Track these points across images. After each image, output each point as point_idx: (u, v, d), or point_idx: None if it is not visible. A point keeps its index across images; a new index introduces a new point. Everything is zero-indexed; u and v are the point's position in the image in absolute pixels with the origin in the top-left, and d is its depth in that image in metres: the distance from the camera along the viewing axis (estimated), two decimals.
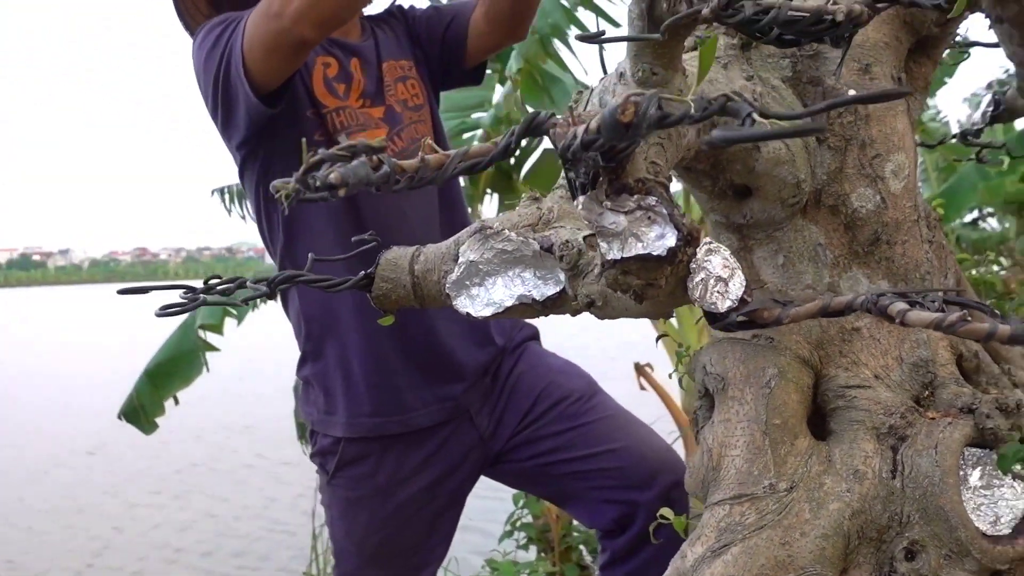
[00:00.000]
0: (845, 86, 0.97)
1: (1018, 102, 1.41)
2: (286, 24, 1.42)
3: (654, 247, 0.54)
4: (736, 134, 0.38)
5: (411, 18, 1.88)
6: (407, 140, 1.73)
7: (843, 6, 0.62)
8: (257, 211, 1.74)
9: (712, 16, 0.59)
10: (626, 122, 0.45)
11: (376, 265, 0.81)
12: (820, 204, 1.00)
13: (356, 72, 1.72)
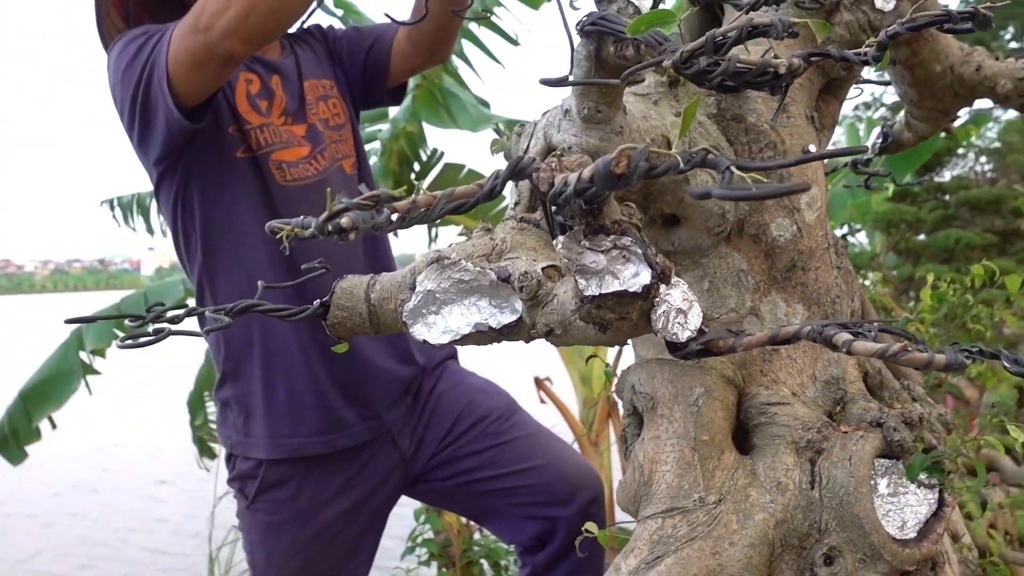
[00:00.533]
0: (767, 125, 1.04)
1: (904, 135, 1.53)
2: (215, 39, 1.41)
3: (630, 284, 0.58)
4: (736, 193, 0.42)
5: (331, 38, 1.88)
6: (328, 159, 1.73)
7: (784, 60, 0.67)
8: (174, 228, 1.71)
9: (672, 67, 0.64)
10: (619, 173, 0.49)
11: (331, 294, 0.83)
12: (742, 233, 1.07)
13: (277, 89, 1.71)
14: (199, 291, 1.72)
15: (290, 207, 1.65)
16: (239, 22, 1.39)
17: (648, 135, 0.97)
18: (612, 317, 0.61)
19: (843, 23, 1.05)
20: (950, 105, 1.34)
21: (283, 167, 1.66)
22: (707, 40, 0.61)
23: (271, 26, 1.45)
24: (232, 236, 1.65)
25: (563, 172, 0.56)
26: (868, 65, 0.70)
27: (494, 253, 0.84)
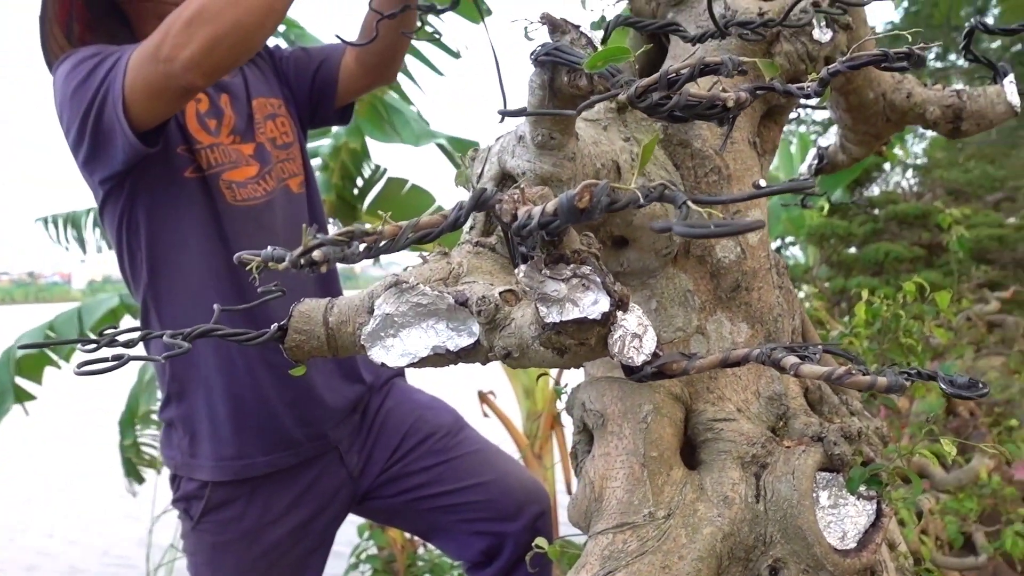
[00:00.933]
0: (712, 150, 1.07)
1: (839, 157, 1.59)
2: (176, 70, 1.40)
3: (590, 311, 0.60)
4: (695, 231, 0.44)
5: (279, 58, 1.88)
6: (276, 179, 1.73)
7: (732, 94, 0.70)
8: (119, 246, 1.68)
9: (627, 100, 0.67)
10: (582, 207, 0.51)
11: (289, 317, 0.83)
12: (689, 254, 1.10)
13: (226, 108, 1.71)
14: (144, 311, 1.70)
15: (239, 227, 1.65)
16: (202, 56, 1.39)
17: (598, 160, 1.00)
18: (572, 343, 0.63)
19: (783, 53, 1.09)
20: (883, 130, 1.40)
21: (232, 187, 1.65)
22: (661, 77, 0.63)
23: (232, 60, 1.46)
24: (179, 256, 1.64)
25: (526, 204, 0.57)
26: (809, 99, 0.73)
27: (451, 277, 0.86)
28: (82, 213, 4.27)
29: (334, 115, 1.92)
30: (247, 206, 1.67)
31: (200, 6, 1.41)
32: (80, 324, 3.85)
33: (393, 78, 1.89)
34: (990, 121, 1.30)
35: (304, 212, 1.81)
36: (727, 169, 1.10)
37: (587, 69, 0.69)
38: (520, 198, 0.58)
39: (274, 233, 1.70)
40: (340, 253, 0.52)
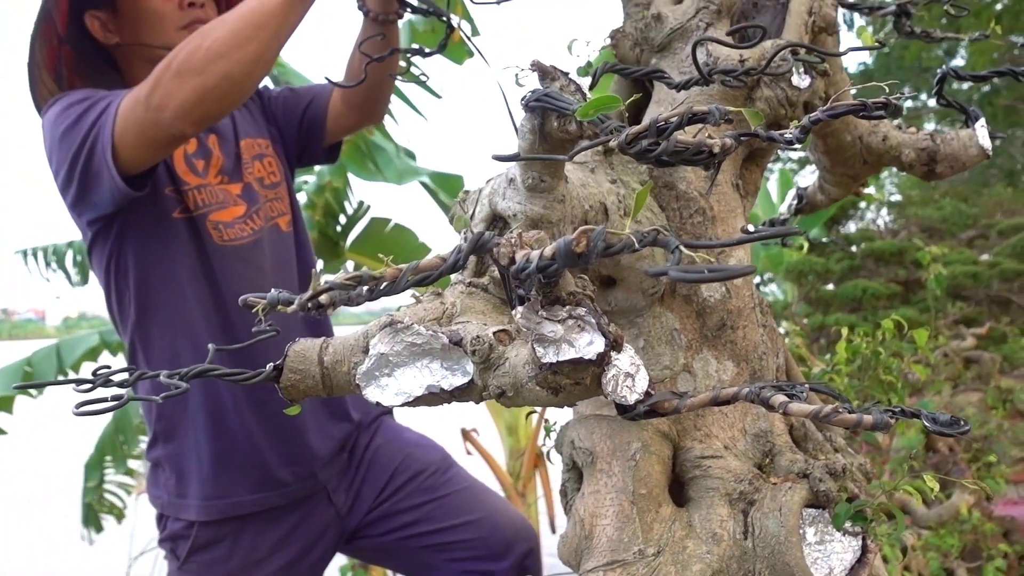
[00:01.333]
0: (697, 192, 1.10)
1: (817, 197, 1.63)
2: (167, 119, 1.42)
3: (585, 352, 0.62)
4: (691, 276, 0.46)
5: (267, 98, 1.90)
6: (264, 218, 1.75)
7: (718, 140, 0.73)
8: (107, 287, 1.69)
9: (617, 147, 0.69)
10: (579, 252, 0.53)
11: (284, 357, 0.84)
12: (675, 294, 1.12)
13: (214, 149, 1.73)
14: (131, 351, 1.70)
15: (227, 267, 1.66)
16: (192, 106, 1.41)
17: (587, 202, 1.02)
18: (567, 382, 0.65)
19: (763, 98, 1.13)
20: (860, 172, 1.44)
21: (220, 228, 1.67)
22: (650, 125, 0.66)
23: (222, 110, 1.48)
24: (167, 296, 1.65)
25: (524, 249, 0.59)
26: (791, 146, 0.76)
27: (444, 317, 0.87)
28: (63, 246, 4.25)
29: (322, 154, 1.95)
30: (234, 246, 1.68)
31: (189, 56, 1.43)
32: (59, 361, 3.82)
33: (381, 118, 1.92)
34: (963, 164, 1.34)
35: (292, 250, 1.83)
36: (711, 211, 1.12)
37: (579, 117, 0.71)
38: (518, 242, 0.60)
39: (263, 272, 1.71)
40: (345, 296, 0.54)
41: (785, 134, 0.78)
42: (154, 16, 1.65)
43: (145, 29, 1.66)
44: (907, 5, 1.33)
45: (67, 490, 7.92)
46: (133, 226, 1.62)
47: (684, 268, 0.49)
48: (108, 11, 1.67)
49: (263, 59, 1.45)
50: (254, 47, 1.43)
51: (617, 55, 1.23)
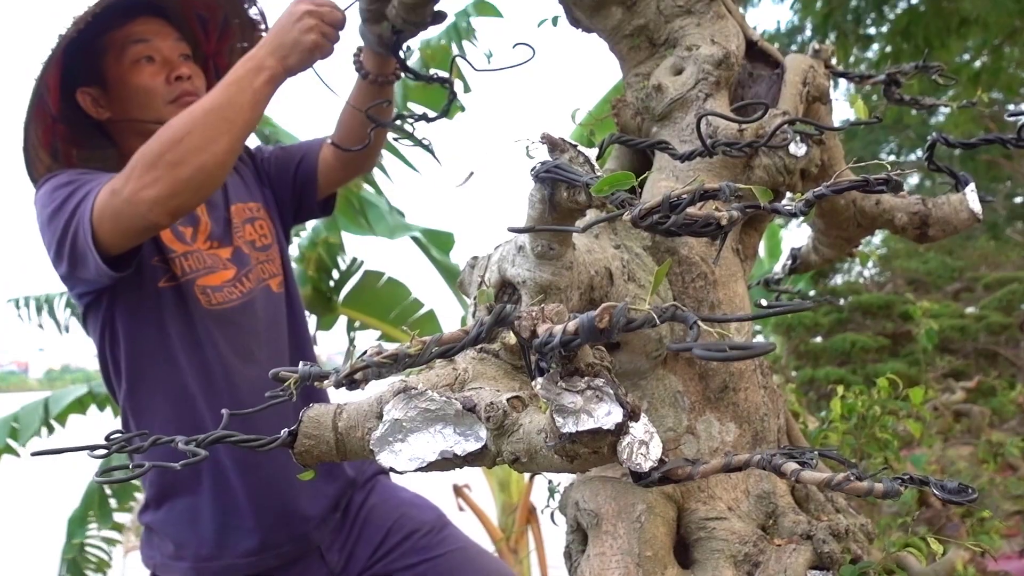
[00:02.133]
0: (699, 257, 1.13)
1: (811, 257, 1.66)
2: (141, 211, 1.45)
3: (604, 422, 0.63)
4: (714, 354, 0.49)
5: (259, 159, 1.93)
6: (255, 280, 1.76)
7: (725, 213, 0.75)
8: (101, 355, 1.71)
9: (632, 222, 0.72)
10: (602, 327, 0.55)
11: (299, 423, 0.86)
12: (678, 356, 1.14)
13: (202, 215, 1.75)
14: (124, 418, 1.71)
15: (215, 331, 1.68)
16: (167, 198, 1.45)
17: (592, 268, 1.05)
18: (585, 451, 0.66)
19: (762, 166, 1.16)
20: (854, 234, 1.48)
21: (207, 292, 1.69)
22: (664, 201, 0.68)
23: (198, 199, 1.52)
24: (156, 365, 1.67)
25: (546, 322, 0.61)
26: (795, 217, 0.79)
27: (457, 383, 0.89)
28: (55, 295, 4.25)
29: (317, 207, 1.98)
30: (222, 309, 1.70)
31: (161, 149, 1.46)
32: (45, 414, 3.79)
33: (371, 168, 1.96)
34: (955, 227, 1.37)
35: (284, 311, 1.84)
36: (713, 275, 1.15)
37: (594, 193, 0.74)
38: (539, 316, 0.62)
39: (254, 334, 1.73)
40: (376, 371, 0.56)
41: (788, 206, 0.81)
42: (143, 92, 1.69)
43: (135, 105, 1.69)
44: (896, 74, 1.38)
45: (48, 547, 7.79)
46: (122, 298, 1.64)
47: (707, 346, 0.51)
48: (98, 87, 1.71)
49: (234, 149, 1.50)
50: (226, 139, 1.47)
51: (619, 123, 1.27)
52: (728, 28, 1.25)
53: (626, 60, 1.31)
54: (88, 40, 1.63)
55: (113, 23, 1.65)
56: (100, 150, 1.76)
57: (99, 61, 1.70)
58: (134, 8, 1.69)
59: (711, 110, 1.12)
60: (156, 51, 1.69)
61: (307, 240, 4.34)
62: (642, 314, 0.57)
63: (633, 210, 0.71)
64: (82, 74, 1.69)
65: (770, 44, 1.35)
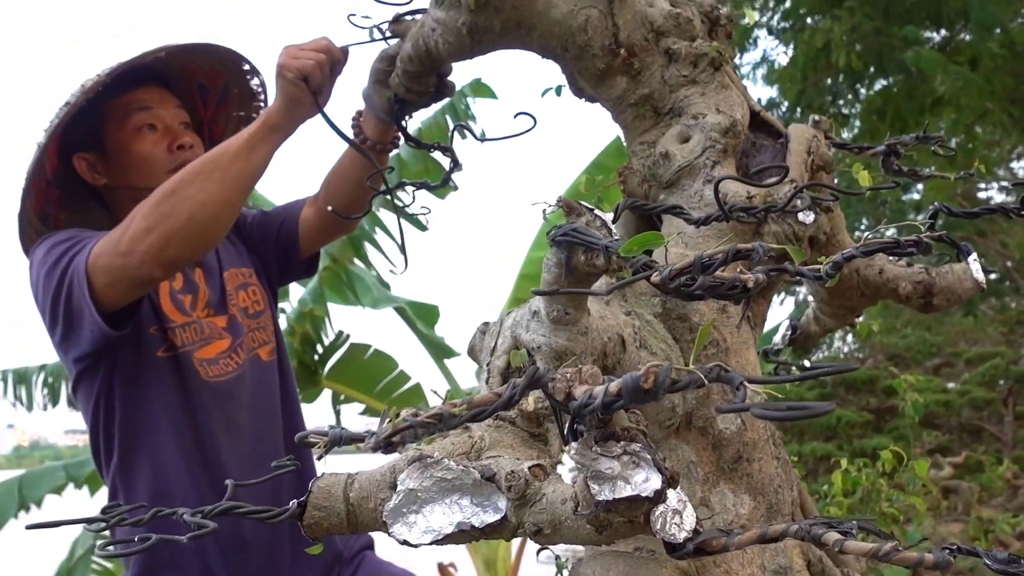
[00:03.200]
0: (707, 321, 1.11)
1: (812, 328, 1.65)
2: (134, 263, 1.44)
3: (642, 489, 0.61)
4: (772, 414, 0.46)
5: (242, 225, 1.92)
6: (246, 350, 1.74)
7: (751, 276, 0.74)
8: (93, 426, 1.66)
9: (659, 284, 0.70)
10: (647, 388, 0.53)
11: (308, 493, 0.82)
12: (691, 426, 1.12)
13: (200, 283, 1.73)
14: (113, 490, 1.66)
15: (209, 403, 1.65)
16: (159, 250, 1.43)
17: (605, 334, 1.03)
18: (620, 520, 0.63)
19: (771, 233, 1.16)
20: (857, 304, 1.47)
21: (204, 365, 1.66)
22: (696, 262, 0.67)
23: (189, 253, 1.50)
24: (149, 436, 1.63)
25: (583, 384, 0.59)
26: (820, 281, 0.77)
27: (473, 451, 0.86)
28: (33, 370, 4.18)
29: (300, 268, 1.96)
30: (218, 382, 1.67)
31: (156, 202, 1.46)
32: (21, 496, 3.68)
33: (354, 229, 1.95)
34: (959, 296, 1.37)
35: (275, 380, 1.81)
36: (724, 342, 1.13)
37: (623, 253, 0.72)
38: (575, 378, 0.60)
39: (243, 406, 1.70)
40: (413, 433, 0.53)
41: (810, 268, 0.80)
42: (143, 159, 1.67)
43: (134, 172, 1.68)
44: (896, 145, 1.39)
45: None
46: (119, 367, 1.61)
47: (764, 406, 0.49)
48: (96, 153, 1.70)
49: (228, 200, 1.48)
50: (217, 188, 1.46)
51: (625, 190, 1.27)
52: (732, 98, 1.26)
53: (631, 129, 1.31)
54: (90, 106, 1.62)
55: (116, 90, 1.64)
56: (92, 217, 1.74)
57: (99, 127, 1.69)
58: (139, 76, 1.69)
59: (725, 176, 1.12)
60: (159, 119, 1.69)
61: (294, 313, 4.31)
62: (687, 374, 0.55)
63: (662, 272, 0.70)
64: (80, 139, 1.68)
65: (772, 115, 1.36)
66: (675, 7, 1.28)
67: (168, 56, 1.67)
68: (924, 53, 5.86)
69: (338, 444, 0.57)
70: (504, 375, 0.98)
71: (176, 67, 1.78)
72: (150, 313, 1.63)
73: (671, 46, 1.26)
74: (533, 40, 1.24)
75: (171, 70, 1.77)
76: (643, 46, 1.26)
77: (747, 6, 7.35)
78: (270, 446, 1.74)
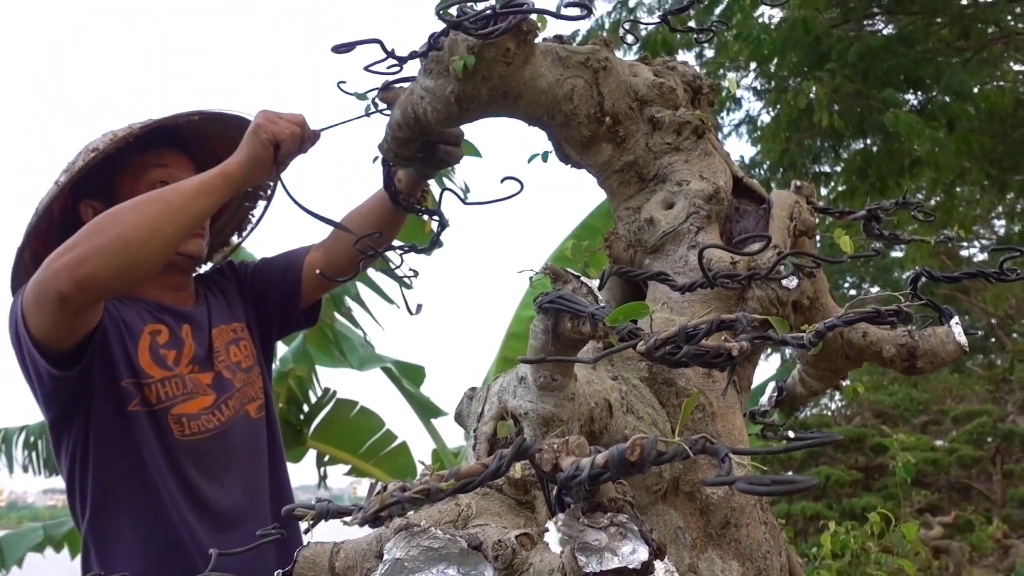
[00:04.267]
0: (696, 388, 1.12)
1: (798, 390, 1.66)
2: (48, 276, 1.43)
3: (629, 560, 0.60)
4: (758, 488, 0.47)
5: (242, 275, 1.92)
6: (234, 407, 1.73)
7: (736, 344, 0.75)
8: (70, 482, 1.65)
9: (644, 353, 0.71)
10: (633, 460, 0.53)
11: (294, 563, 0.81)
12: (678, 491, 1.12)
13: (187, 338, 1.72)
14: (85, 548, 1.64)
15: (187, 460, 1.63)
16: (76, 264, 1.41)
17: (592, 399, 1.03)
18: None
19: (755, 298, 1.18)
20: (842, 366, 1.48)
21: (182, 421, 1.65)
22: (680, 332, 0.68)
23: (108, 273, 1.45)
24: (124, 491, 1.62)
25: (570, 456, 0.60)
26: (805, 349, 0.78)
27: (460, 519, 0.85)
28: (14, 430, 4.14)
29: (301, 317, 1.96)
30: (196, 440, 1.66)
31: (94, 222, 1.47)
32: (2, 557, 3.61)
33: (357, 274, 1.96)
34: (942, 359, 1.38)
35: (263, 436, 1.80)
36: (711, 407, 1.14)
37: (609, 323, 0.73)
38: (562, 449, 0.60)
39: (228, 463, 1.68)
40: (400, 508, 0.53)
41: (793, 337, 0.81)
42: None
43: None
44: (876, 210, 1.42)
45: None
46: (93, 421, 1.60)
47: (751, 479, 0.50)
48: (104, 202, 1.71)
49: (162, 229, 1.46)
50: (155, 216, 1.46)
51: (611, 255, 1.29)
52: (716, 164, 1.29)
53: (616, 194, 1.33)
54: (109, 156, 1.64)
55: (139, 145, 1.66)
56: None
57: (113, 178, 1.71)
58: (164, 136, 1.72)
59: (708, 242, 1.14)
60: (173, 179, 1.70)
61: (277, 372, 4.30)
62: (673, 446, 0.56)
63: (648, 341, 0.70)
64: (90, 186, 1.69)
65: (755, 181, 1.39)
66: (658, 77, 1.31)
67: (200, 121, 1.71)
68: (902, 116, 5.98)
69: (325, 518, 0.57)
70: (491, 441, 0.98)
71: (199, 134, 1.80)
72: (125, 365, 1.62)
73: (655, 114, 1.29)
74: (520, 108, 1.26)
75: (193, 136, 1.80)
76: (628, 114, 1.29)
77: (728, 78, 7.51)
78: (256, 504, 1.73)
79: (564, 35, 1.30)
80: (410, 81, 1.36)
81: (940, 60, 7.06)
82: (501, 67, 1.19)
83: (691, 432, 1.14)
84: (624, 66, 1.32)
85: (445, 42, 1.19)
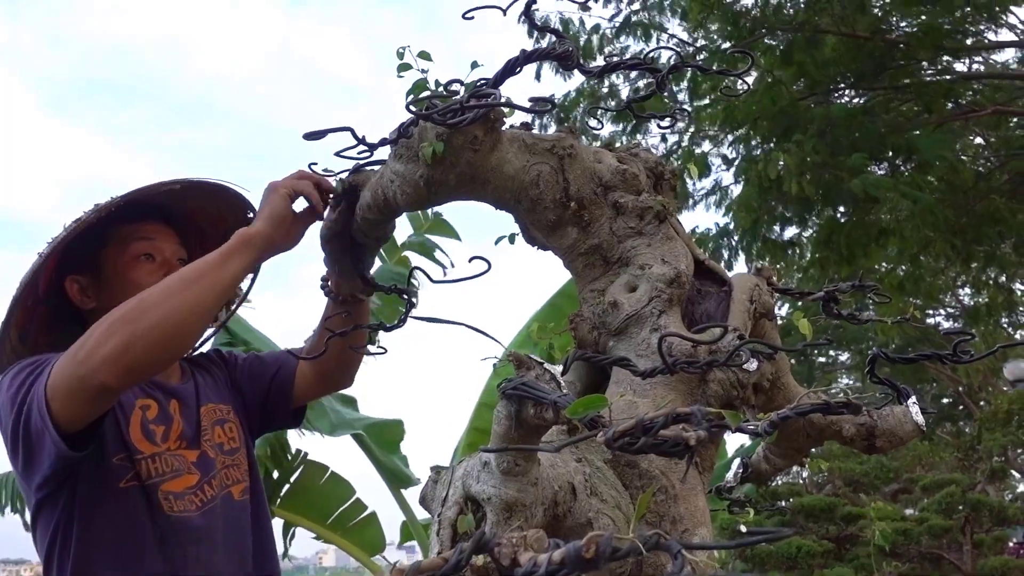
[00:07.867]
0: (659, 471, 1.14)
1: (762, 467, 1.68)
2: (90, 370, 1.40)
3: None
4: None
5: (232, 364, 1.92)
6: (217, 487, 1.71)
7: (694, 434, 0.77)
8: (47, 559, 1.61)
9: (604, 443, 0.73)
10: (588, 557, 0.55)
11: None
12: (642, 574, 1.12)
13: (175, 414, 1.71)
14: None
15: (174, 538, 1.61)
16: (117, 355, 1.40)
17: (556, 482, 1.04)
18: None
19: (716, 380, 1.20)
20: (804, 444, 1.50)
21: (170, 498, 1.63)
22: (636, 424, 0.70)
23: (150, 361, 1.45)
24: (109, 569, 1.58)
25: (527, 550, 0.61)
26: (759, 437, 0.81)
27: None
28: None
29: (289, 417, 1.95)
30: (182, 517, 1.63)
31: (121, 312, 1.44)
32: None
33: (350, 383, 1.94)
34: (901, 439, 1.41)
35: (247, 519, 1.77)
36: (674, 489, 1.15)
37: (568, 415, 0.75)
38: (520, 543, 0.61)
39: (213, 544, 1.66)
40: None
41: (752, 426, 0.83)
42: (136, 287, 1.65)
43: (125, 298, 1.69)
44: (834, 292, 1.46)
45: None
46: (79, 498, 1.57)
47: None
48: (90, 276, 1.71)
49: (195, 310, 1.46)
50: (187, 296, 1.45)
51: (576, 337, 1.31)
52: (677, 248, 1.32)
53: (581, 276, 1.37)
54: (93, 229, 1.64)
55: (122, 218, 1.67)
56: (71, 338, 1.74)
57: (98, 251, 1.70)
58: (148, 209, 1.72)
59: (668, 328, 1.17)
60: (158, 251, 1.70)
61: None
62: (627, 543, 0.57)
63: (607, 432, 0.72)
64: (75, 261, 1.69)
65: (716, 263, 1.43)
66: (622, 163, 1.36)
67: (182, 190, 1.71)
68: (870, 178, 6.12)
69: None
70: (454, 527, 0.99)
71: (181, 208, 1.81)
72: (117, 442, 1.60)
73: (619, 199, 1.33)
74: (488, 193, 1.30)
75: (175, 209, 1.81)
76: (592, 199, 1.32)
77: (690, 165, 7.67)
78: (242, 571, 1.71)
79: (529, 123, 1.35)
80: (380, 165, 1.40)
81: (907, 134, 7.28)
82: (469, 153, 1.22)
83: (655, 515, 1.15)
84: (589, 152, 1.36)
85: (415, 130, 1.23)
